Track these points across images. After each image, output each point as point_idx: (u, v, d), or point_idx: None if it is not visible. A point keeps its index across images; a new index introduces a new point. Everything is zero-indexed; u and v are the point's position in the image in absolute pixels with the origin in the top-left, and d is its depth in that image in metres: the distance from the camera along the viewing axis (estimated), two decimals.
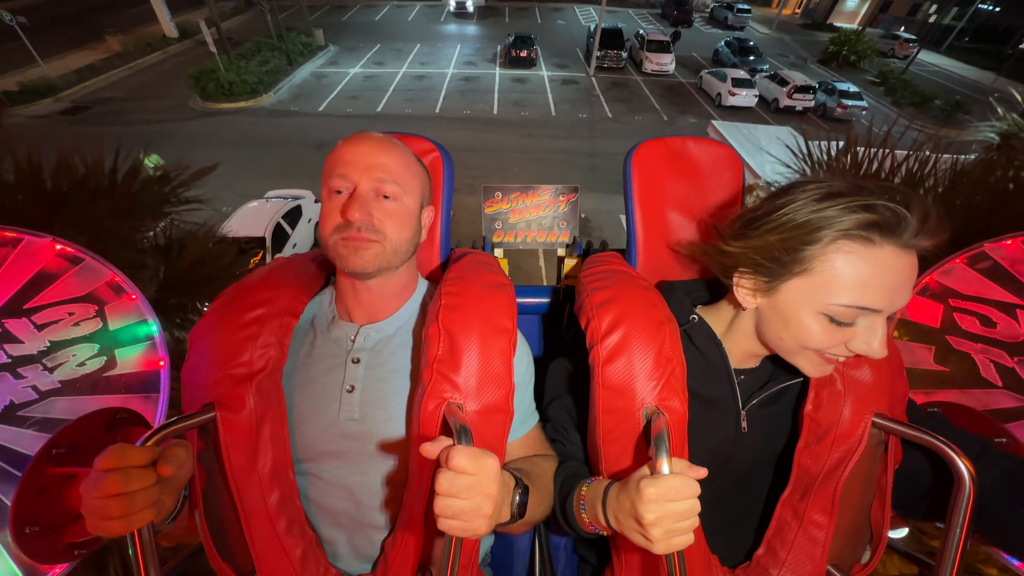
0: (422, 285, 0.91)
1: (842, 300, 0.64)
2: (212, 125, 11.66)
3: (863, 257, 0.63)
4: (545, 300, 1.14)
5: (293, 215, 7.22)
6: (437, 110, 13.43)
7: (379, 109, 13.27)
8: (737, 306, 0.78)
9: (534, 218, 1.26)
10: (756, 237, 0.70)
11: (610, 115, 13.32)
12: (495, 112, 13.39)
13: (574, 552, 1.02)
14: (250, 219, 6.46)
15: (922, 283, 1.09)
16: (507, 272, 0.98)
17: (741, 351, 0.81)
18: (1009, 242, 1.05)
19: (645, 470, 0.63)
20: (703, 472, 0.62)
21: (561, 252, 1.28)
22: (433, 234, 1.01)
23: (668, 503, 0.59)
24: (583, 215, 9.20)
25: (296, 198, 7.49)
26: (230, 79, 12.61)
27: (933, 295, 1.09)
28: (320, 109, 13.01)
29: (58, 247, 1.06)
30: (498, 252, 1.28)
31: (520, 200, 1.25)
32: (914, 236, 0.62)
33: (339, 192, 0.76)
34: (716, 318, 0.83)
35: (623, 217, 3.86)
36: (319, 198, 8.05)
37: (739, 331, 0.79)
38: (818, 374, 0.73)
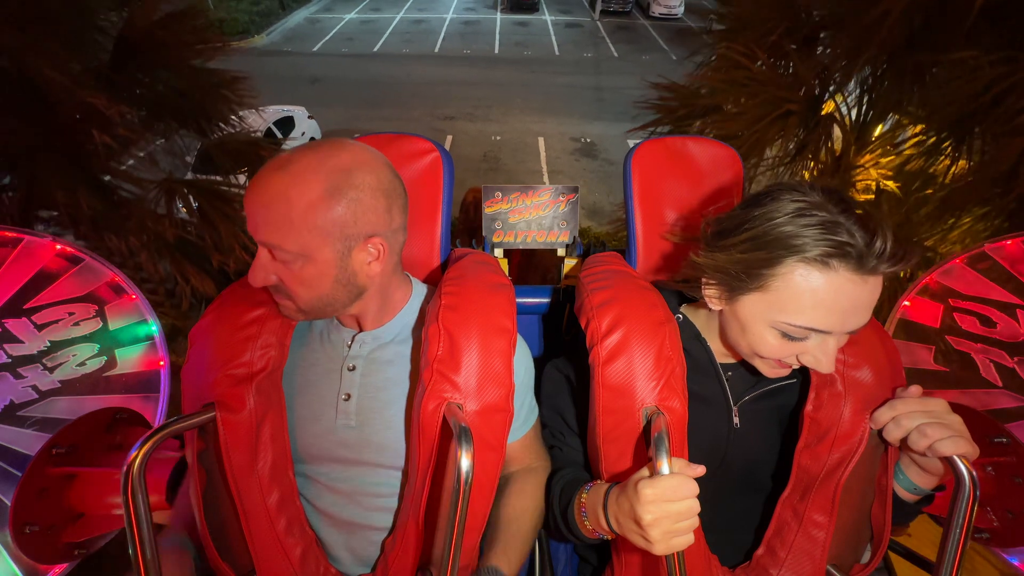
0: (419, 290, 0.88)
1: (793, 320, 0.66)
2: None
3: (818, 281, 0.63)
4: (545, 300, 1.14)
5: (285, 126, 7.72)
6: (436, 50, 13.51)
7: (375, 49, 13.38)
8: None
9: (534, 218, 1.26)
10: (722, 251, 0.71)
11: (616, 55, 13.31)
12: (496, 52, 13.46)
13: (574, 552, 1.02)
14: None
15: (922, 283, 1.09)
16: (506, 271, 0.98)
17: (722, 348, 0.82)
18: (1009, 242, 1.05)
19: (644, 471, 0.63)
20: (701, 470, 0.62)
21: (561, 252, 1.28)
22: (433, 234, 1.00)
23: (666, 504, 0.59)
24: (589, 139, 9.37)
25: (288, 111, 7.99)
26: (219, 16, 12.65)
27: (933, 295, 1.09)
28: (315, 49, 13.12)
29: (58, 247, 1.07)
30: (498, 252, 1.27)
31: (520, 200, 1.25)
32: (875, 264, 0.62)
33: None
34: (700, 315, 0.84)
35: (631, 141, 3.84)
36: (312, 115, 8.44)
37: (716, 331, 0.81)
38: (773, 375, 0.76)
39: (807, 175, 2.91)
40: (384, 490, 0.81)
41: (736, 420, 0.81)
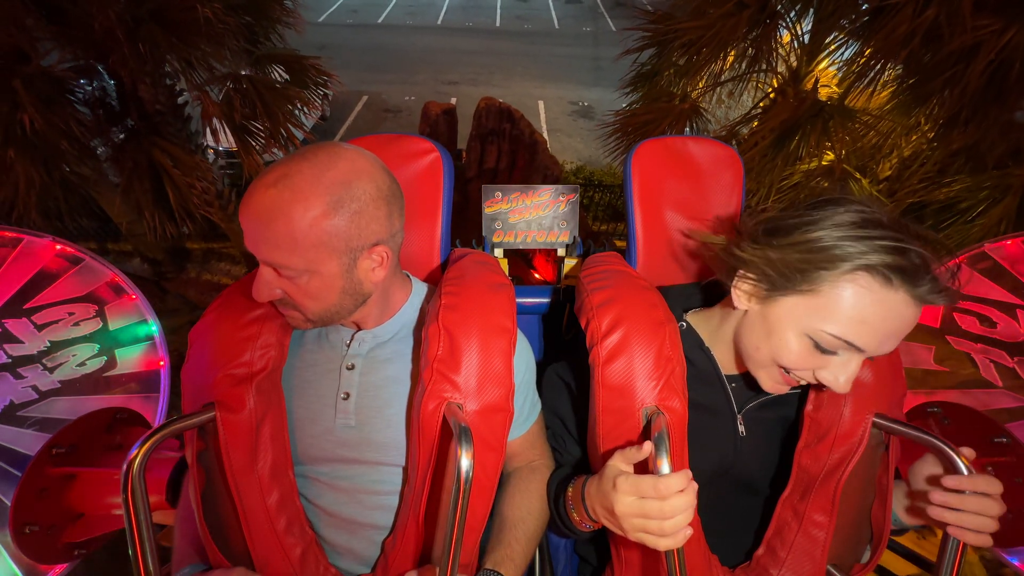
0: (419, 289, 0.88)
1: (833, 330, 0.64)
2: None
3: (875, 295, 0.62)
4: (545, 300, 1.14)
5: None
6: (439, 21, 14.15)
7: (380, 20, 14.01)
8: (727, 312, 0.78)
9: (534, 218, 1.26)
10: (775, 249, 0.68)
11: (614, 29, 13.78)
12: (498, 24, 14.12)
13: (574, 552, 1.02)
14: None
15: None
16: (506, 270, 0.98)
17: (728, 358, 0.81)
18: (1009, 242, 1.05)
19: (622, 464, 0.66)
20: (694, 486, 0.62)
21: (561, 252, 1.28)
22: (433, 234, 1.00)
23: (642, 500, 0.60)
24: (586, 103, 9.95)
25: None
26: None
27: None
28: (320, 20, 13.62)
29: (58, 247, 1.07)
30: (498, 252, 1.27)
31: (520, 200, 1.25)
32: (933, 292, 0.61)
33: None
34: (705, 324, 0.83)
35: (624, 102, 3.99)
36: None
37: (725, 338, 0.80)
38: (774, 390, 0.74)
39: (769, 90, 3.40)
40: (385, 487, 0.81)
41: (741, 429, 0.81)
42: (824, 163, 3.17)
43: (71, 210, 3.31)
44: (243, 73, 3.41)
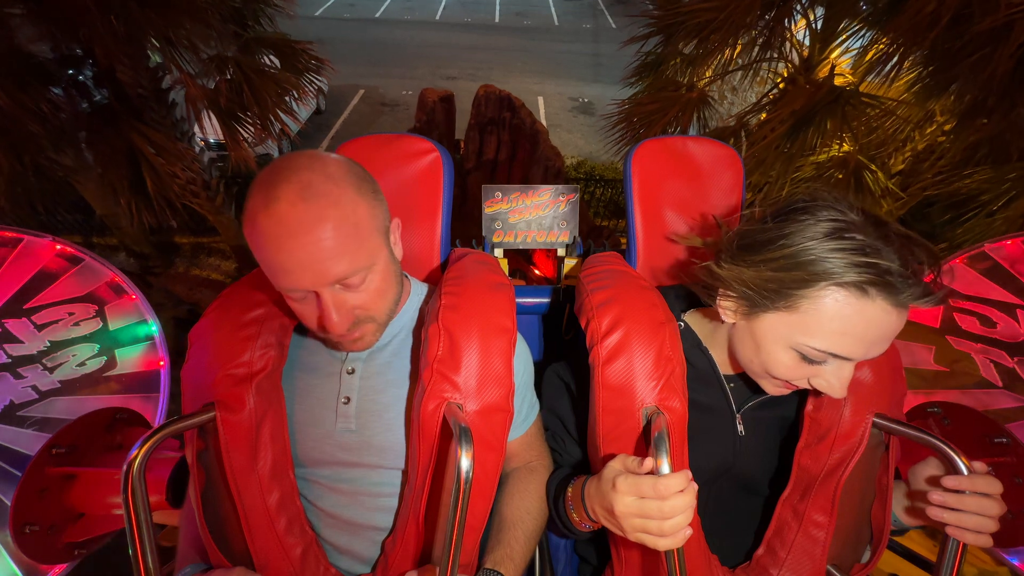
0: (419, 290, 0.89)
1: (817, 344, 0.64)
2: None
3: (852, 307, 0.61)
4: (545, 300, 1.14)
5: None
6: (438, 17, 14.24)
7: (377, 15, 14.03)
8: (719, 320, 0.78)
9: (534, 218, 1.26)
10: (750, 267, 0.68)
11: (614, 26, 13.94)
12: (497, 20, 14.22)
13: (574, 552, 1.02)
14: None
15: None
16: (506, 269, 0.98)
17: (725, 359, 0.81)
18: (1009, 242, 1.05)
19: (617, 465, 0.66)
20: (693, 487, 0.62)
21: (561, 252, 1.28)
22: (433, 234, 1.00)
23: (641, 500, 0.60)
24: (586, 99, 9.99)
25: None
26: None
27: None
28: (317, 14, 13.68)
29: (58, 247, 1.07)
30: (498, 252, 1.27)
31: (520, 200, 1.25)
32: (914, 298, 0.60)
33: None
34: (703, 325, 0.83)
35: (626, 93, 3.97)
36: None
37: (721, 341, 0.80)
38: (776, 393, 0.75)
39: (779, 80, 3.31)
40: (386, 490, 0.81)
41: (740, 428, 0.81)
42: (840, 154, 3.08)
43: (44, 197, 3.12)
44: (229, 55, 3.24)
